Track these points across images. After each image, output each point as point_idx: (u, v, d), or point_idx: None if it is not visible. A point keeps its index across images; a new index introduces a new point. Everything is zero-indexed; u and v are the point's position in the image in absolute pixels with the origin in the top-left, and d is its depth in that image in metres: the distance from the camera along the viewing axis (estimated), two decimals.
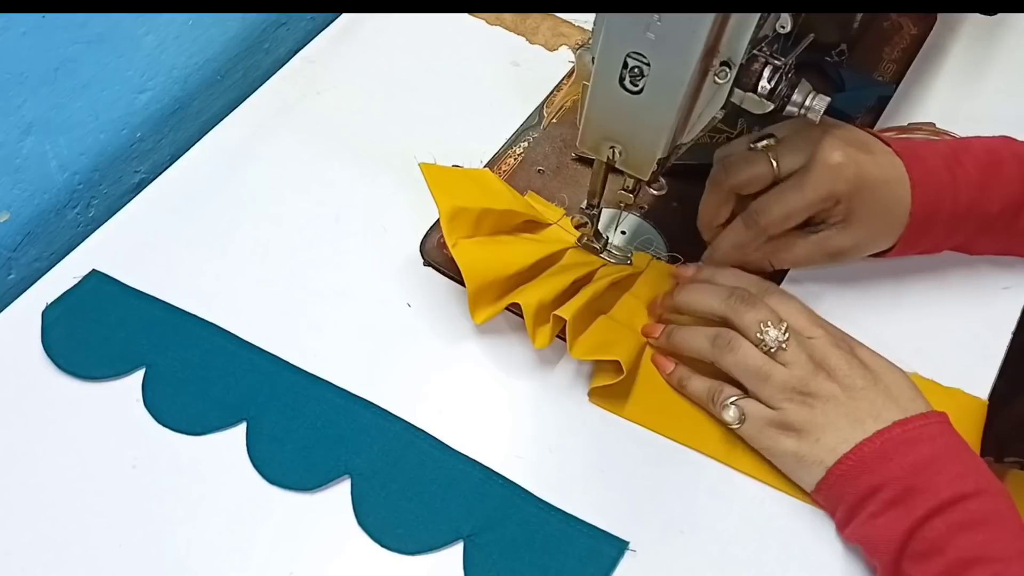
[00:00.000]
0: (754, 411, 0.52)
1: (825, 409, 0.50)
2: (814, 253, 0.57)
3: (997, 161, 0.56)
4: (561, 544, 0.50)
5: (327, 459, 0.52)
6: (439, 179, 0.58)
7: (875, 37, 0.73)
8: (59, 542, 0.49)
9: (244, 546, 0.50)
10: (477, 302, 0.56)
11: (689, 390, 0.54)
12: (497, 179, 0.61)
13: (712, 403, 0.53)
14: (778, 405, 0.51)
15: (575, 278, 0.57)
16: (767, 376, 0.51)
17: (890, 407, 0.50)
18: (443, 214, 0.56)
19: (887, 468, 0.48)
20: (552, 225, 0.62)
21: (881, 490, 0.47)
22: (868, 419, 0.49)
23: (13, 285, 0.63)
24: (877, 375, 0.51)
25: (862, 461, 0.48)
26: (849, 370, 0.51)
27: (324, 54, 0.72)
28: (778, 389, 0.51)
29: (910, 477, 0.47)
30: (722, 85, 0.46)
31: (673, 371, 0.55)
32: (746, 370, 0.52)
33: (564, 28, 0.74)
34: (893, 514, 0.47)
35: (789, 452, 0.51)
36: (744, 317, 0.53)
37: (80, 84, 0.61)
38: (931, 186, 0.54)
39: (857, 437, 0.49)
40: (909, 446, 0.48)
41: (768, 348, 0.52)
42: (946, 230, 0.56)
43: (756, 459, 0.53)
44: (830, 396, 0.50)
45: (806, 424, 0.50)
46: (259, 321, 0.57)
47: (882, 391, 0.51)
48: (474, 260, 0.55)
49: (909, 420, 0.49)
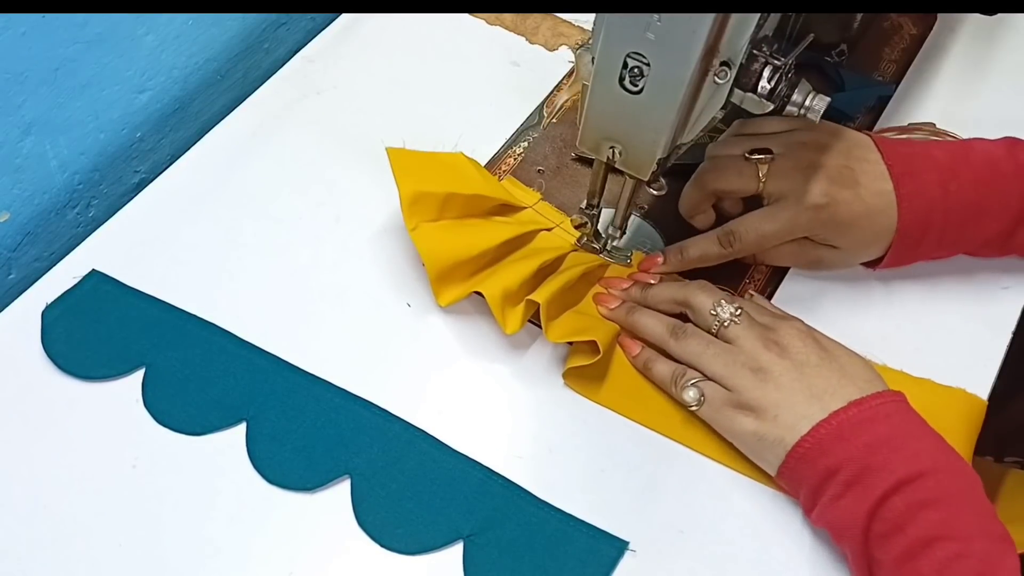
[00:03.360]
0: (712, 392, 0.52)
1: (779, 384, 0.50)
2: (798, 256, 0.58)
3: (997, 176, 0.55)
4: (561, 544, 0.50)
5: (327, 459, 0.52)
6: (404, 163, 0.58)
7: (875, 37, 0.73)
8: (59, 542, 0.49)
9: (244, 546, 0.50)
10: (440, 284, 0.56)
11: (654, 372, 0.55)
12: (470, 163, 0.62)
13: (674, 385, 0.53)
14: (732, 384, 0.51)
15: (541, 263, 0.57)
16: (716, 355, 0.52)
17: (846, 384, 0.49)
18: (404, 198, 0.57)
19: (843, 448, 0.47)
20: (527, 208, 0.62)
21: (839, 471, 0.47)
22: (825, 395, 0.49)
23: (13, 285, 0.63)
24: (832, 355, 0.51)
25: (819, 443, 0.48)
26: (803, 347, 0.51)
27: (324, 54, 0.72)
28: (728, 366, 0.51)
29: (866, 456, 0.46)
30: (722, 85, 0.46)
31: (639, 353, 0.56)
32: (696, 353, 0.53)
33: (564, 28, 0.74)
34: (852, 495, 0.46)
35: (748, 432, 0.50)
36: (699, 296, 0.54)
37: (80, 84, 0.61)
38: (921, 204, 0.54)
39: (815, 413, 0.48)
40: (865, 426, 0.47)
41: (722, 323, 0.52)
42: (937, 244, 0.56)
43: (721, 444, 0.53)
44: (783, 371, 0.50)
45: (761, 401, 0.50)
46: (259, 321, 0.57)
47: (837, 369, 0.50)
48: (434, 243, 0.56)
49: (864, 400, 0.48)
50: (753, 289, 0.60)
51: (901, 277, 0.60)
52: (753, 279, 0.60)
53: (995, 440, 0.69)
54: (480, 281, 0.56)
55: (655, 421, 0.54)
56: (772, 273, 0.60)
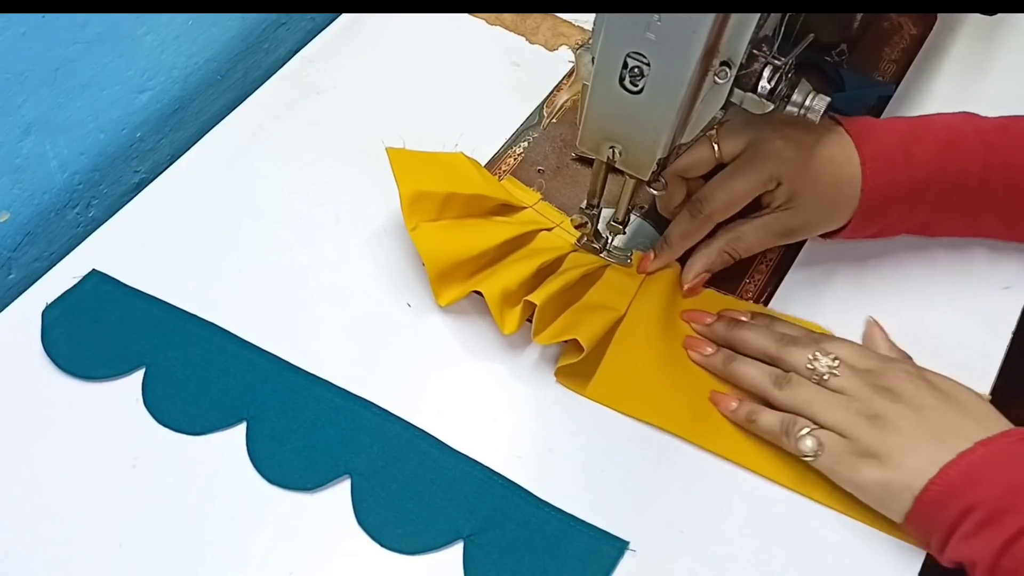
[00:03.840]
0: (830, 440, 0.49)
1: (899, 430, 0.48)
2: (765, 236, 0.57)
3: (957, 137, 0.55)
4: (561, 544, 0.50)
5: (327, 459, 0.52)
6: (404, 163, 0.58)
7: (875, 37, 0.73)
8: (59, 542, 0.49)
9: (244, 546, 0.50)
10: (439, 284, 0.56)
11: (760, 424, 0.52)
12: (470, 163, 0.62)
13: (786, 436, 0.51)
14: (848, 431, 0.49)
15: (541, 263, 0.57)
16: (828, 403, 0.50)
17: (970, 424, 0.47)
18: (404, 198, 0.57)
19: (978, 491, 0.45)
20: (527, 208, 0.62)
21: (973, 512, 0.45)
22: (949, 436, 0.47)
23: (13, 285, 0.63)
24: (947, 394, 0.49)
25: (951, 486, 0.46)
26: (915, 390, 0.49)
27: (324, 54, 0.72)
28: (843, 414, 0.49)
29: (1003, 498, 0.45)
30: (722, 85, 0.46)
31: (738, 407, 0.54)
32: (806, 400, 0.51)
33: (564, 28, 0.74)
34: (986, 533, 0.45)
35: (874, 480, 0.48)
36: (792, 353, 0.53)
37: (80, 84, 0.61)
38: (884, 162, 0.54)
39: (942, 457, 0.46)
40: (999, 467, 0.46)
41: (821, 376, 0.51)
42: (904, 208, 0.56)
43: (727, 437, 0.53)
44: (900, 416, 0.48)
45: (883, 447, 0.48)
46: (259, 321, 0.57)
47: (956, 409, 0.48)
48: (434, 243, 0.56)
49: (992, 440, 0.46)
50: (753, 289, 0.60)
51: (901, 276, 0.60)
52: (753, 279, 0.60)
53: None
54: (480, 281, 0.56)
55: (649, 414, 0.54)
56: (772, 273, 0.60)
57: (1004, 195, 0.56)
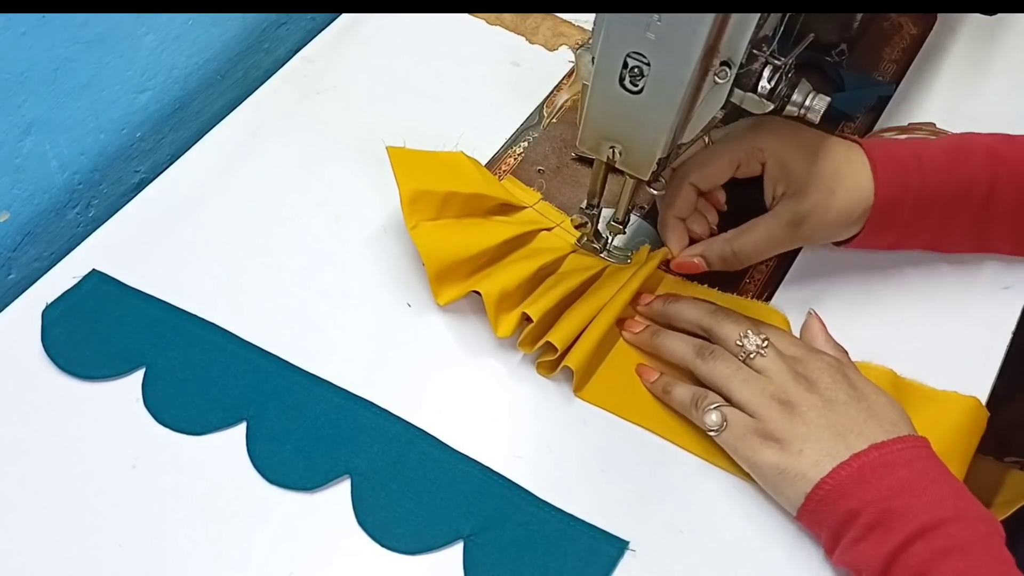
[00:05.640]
0: (736, 418, 0.51)
1: (806, 419, 0.49)
2: (773, 228, 0.56)
3: (964, 147, 0.56)
4: (561, 544, 0.50)
5: (327, 459, 0.52)
6: (404, 162, 0.58)
7: (875, 37, 0.73)
8: (59, 542, 0.49)
9: (244, 546, 0.50)
10: (439, 283, 0.56)
11: (673, 396, 0.54)
12: (471, 162, 0.62)
13: (695, 408, 0.52)
14: (758, 412, 0.50)
15: (541, 264, 0.57)
16: (744, 381, 0.51)
17: (872, 426, 0.49)
18: (404, 196, 0.57)
19: (864, 492, 0.46)
20: (527, 208, 0.62)
21: (860, 515, 0.46)
22: (850, 434, 0.48)
23: (13, 285, 0.63)
24: (861, 393, 0.50)
25: (840, 485, 0.47)
26: (832, 383, 0.50)
27: (324, 54, 0.72)
28: (756, 394, 0.50)
29: (887, 500, 0.46)
30: (722, 85, 0.46)
31: (657, 379, 0.55)
32: (724, 376, 0.52)
33: (564, 28, 0.74)
34: (873, 539, 0.46)
35: (770, 463, 0.49)
36: (724, 326, 0.53)
37: (80, 84, 0.61)
38: (896, 166, 0.54)
39: (839, 452, 0.48)
40: (886, 469, 0.47)
41: (748, 355, 0.52)
42: (913, 216, 0.55)
43: (698, 433, 0.53)
44: (811, 406, 0.49)
45: (786, 433, 0.49)
46: (259, 321, 0.57)
47: (864, 408, 0.49)
48: (433, 242, 0.56)
49: (886, 444, 0.47)
50: (753, 289, 0.60)
51: (901, 277, 0.60)
52: (753, 279, 0.60)
53: (995, 440, 0.69)
54: (479, 280, 0.56)
55: (639, 415, 0.54)
56: (772, 274, 0.60)
57: (1013, 203, 0.56)
